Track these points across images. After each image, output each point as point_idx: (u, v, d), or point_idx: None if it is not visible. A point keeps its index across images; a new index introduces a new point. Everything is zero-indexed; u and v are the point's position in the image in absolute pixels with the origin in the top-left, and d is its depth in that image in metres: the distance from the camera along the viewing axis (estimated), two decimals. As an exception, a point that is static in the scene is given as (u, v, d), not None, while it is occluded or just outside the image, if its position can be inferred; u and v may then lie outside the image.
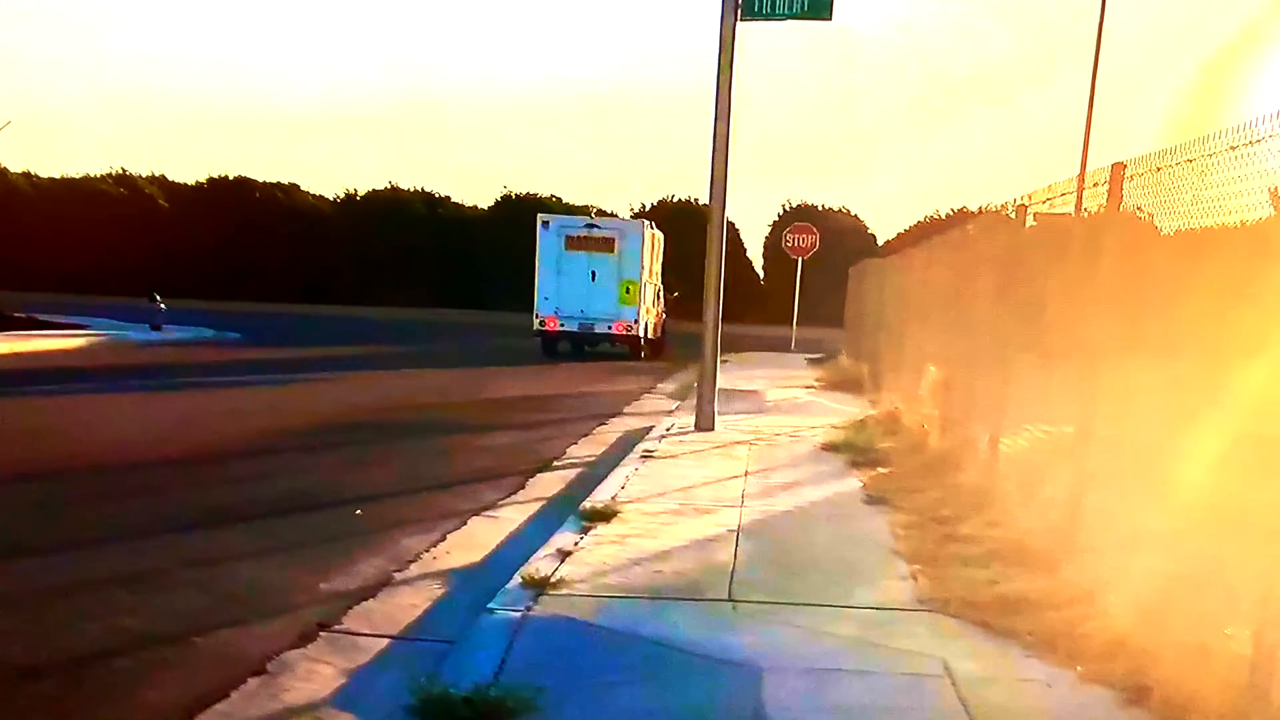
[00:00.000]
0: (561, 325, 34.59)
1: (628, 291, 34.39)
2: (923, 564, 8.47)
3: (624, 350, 35.27)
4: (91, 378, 22.57)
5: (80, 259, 64.84)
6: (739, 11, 15.52)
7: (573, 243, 34.46)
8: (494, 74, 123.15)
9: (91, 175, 74.72)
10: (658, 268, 37.77)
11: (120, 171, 75.11)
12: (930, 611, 7.36)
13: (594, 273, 34.30)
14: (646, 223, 36.37)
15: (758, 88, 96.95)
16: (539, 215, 36.21)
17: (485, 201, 77.51)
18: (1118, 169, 7.71)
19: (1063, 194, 9.42)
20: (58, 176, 74.45)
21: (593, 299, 34.23)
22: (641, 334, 34.96)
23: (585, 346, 35.69)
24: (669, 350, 36.44)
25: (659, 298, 37.85)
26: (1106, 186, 7.84)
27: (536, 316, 34.65)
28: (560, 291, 34.29)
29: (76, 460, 13.13)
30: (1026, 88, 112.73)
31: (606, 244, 34.52)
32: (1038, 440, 8.99)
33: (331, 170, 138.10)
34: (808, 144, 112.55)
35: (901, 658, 6.47)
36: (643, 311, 34.80)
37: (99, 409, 18.13)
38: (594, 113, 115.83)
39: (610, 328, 34.52)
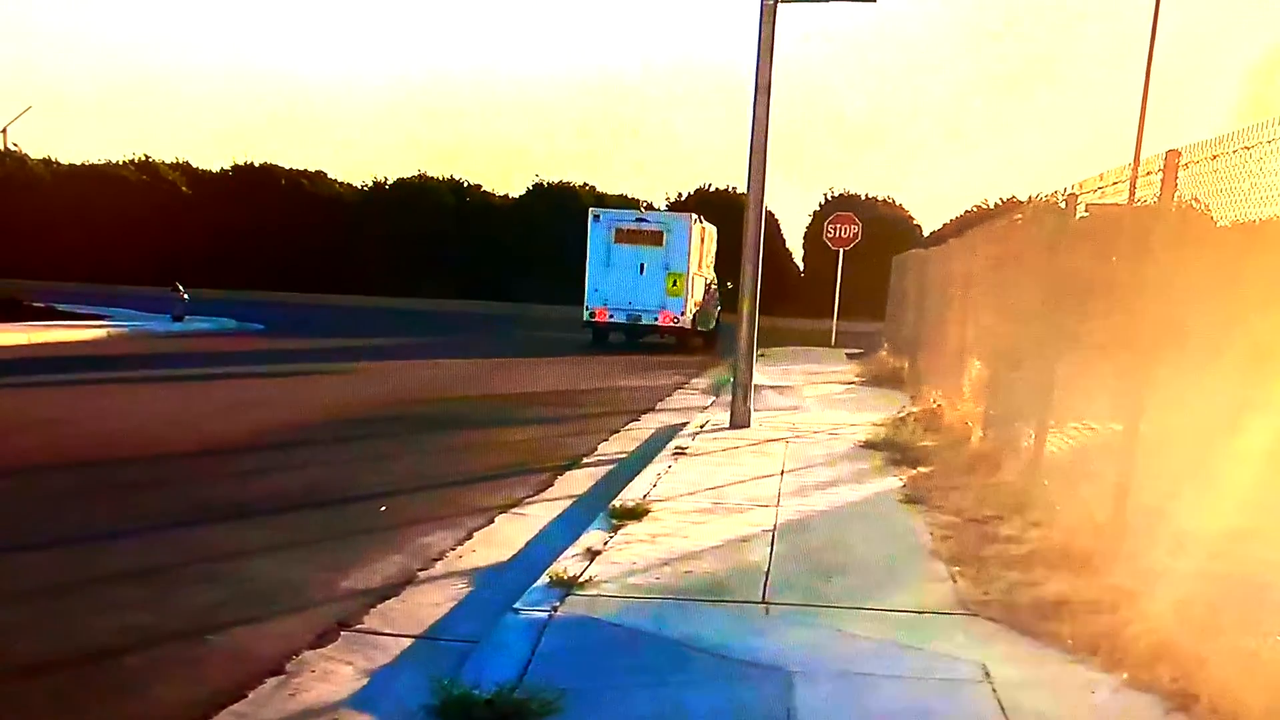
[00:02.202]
0: (610, 317, 36.03)
1: (674, 284, 35.63)
2: (962, 565, 8.45)
3: (672, 341, 36.51)
4: (108, 368, 22.69)
5: (100, 248, 64.87)
6: (780, -8, 15.48)
7: (622, 235, 35.95)
8: (526, 60, 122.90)
9: (113, 162, 74.85)
10: (709, 260, 39.06)
11: (142, 158, 75.01)
12: (969, 615, 7.34)
13: (642, 265, 35.65)
14: (695, 216, 37.25)
15: (799, 72, 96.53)
16: (590, 210, 37.81)
17: (516, 190, 77.39)
18: (1172, 156, 7.66)
19: (1114, 183, 9.37)
20: (78, 164, 74.59)
21: (640, 291, 35.63)
22: (689, 325, 36.17)
23: (647, 337, 36.93)
24: (721, 343, 36.72)
25: (710, 290, 38.73)
26: (1160, 175, 7.80)
27: (586, 308, 36.17)
28: (609, 283, 35.78)
29: (88, 452, 13.27)
30: (1080, 74, 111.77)
31: (655, 237, 35.89)
32: (1084, 437, 8.94)
33: (359, 157, 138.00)
34: (851, 131, 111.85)
35: (939, 662, 6.45)
36: (690, 304, 35.95)
37: (114, 400, 18.29)
38: (629, 100, 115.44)
39: (657, 319, 35.84)
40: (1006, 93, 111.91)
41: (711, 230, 38.89)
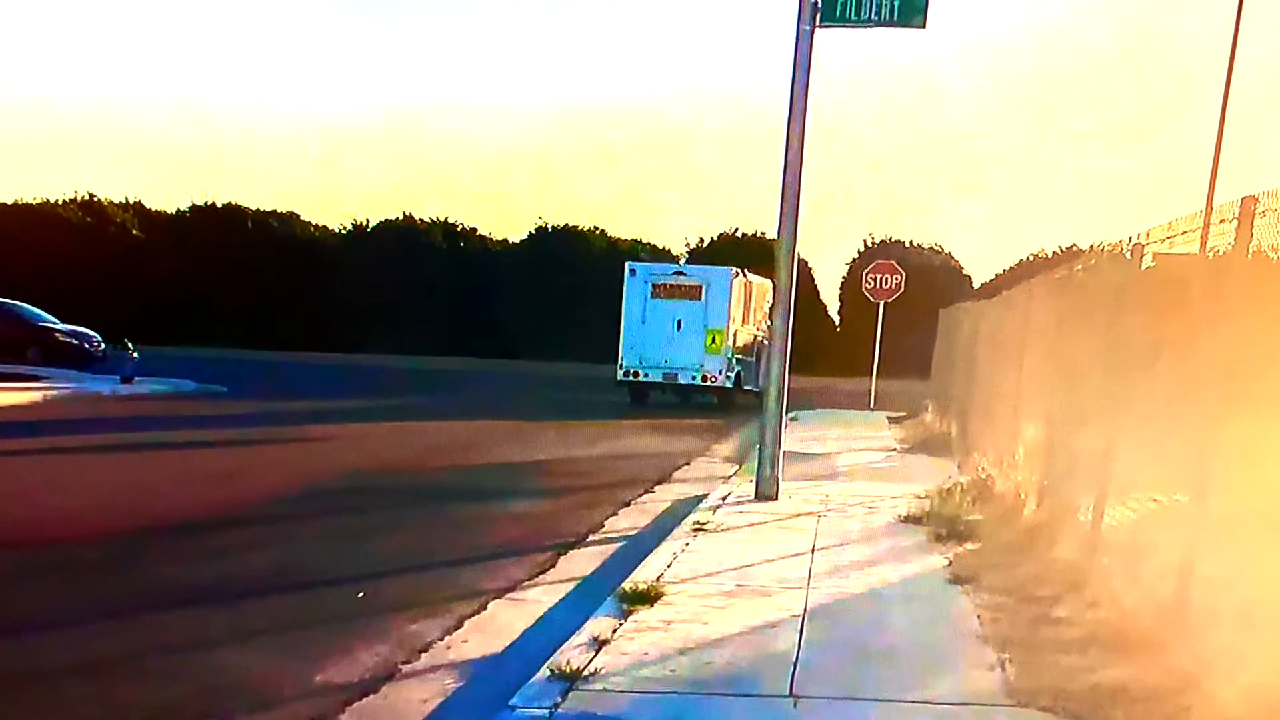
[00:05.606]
0: (645, 375, 37.18)
1: (713, 341, 36.70)
2: (1013, 651, 8.53)
3: (713, 401, 37.56)
4: (46, 434, 22.77)
5: (37, 298, 63.94)
6: (817, 16, 15.66)
7: (659, 290, 37.36)
8: (528, 96, 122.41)
9: (51, 201, 74.17)
10: (759, 316, 39.22)
11: (86, 196, 74.14)
12: (1019, 705, 7.42)
13: (679, 321, 36.89)
14: (736, 270, 38.22)
15: (836, 107, 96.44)
16: (626, 264, 39.18)
17: (517, 234, 77.44)
18: (1248, 203, 7.84)
19: (1184, 232, 9.53)
20: (9, 202, 73.84)
21: (677, 348, 36.82)
22: (730, 385, 37.07)
23: (691, 398, 38.15)
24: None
25: (761, 346, 38.32)
26: (1235, 223, 7.96)
27: (620, 366, 37.38)
28: (645, 341, 36.97)
29: (26, 531, 13.17)
30: (1150, 114, 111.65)
31: (693, 291, 37.19)
32: (1147, 508, 9.04)
33: (338, 197, 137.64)
34: (894, 173, 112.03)
35: (985, 760, 6.54)
36: (731, 362, 36.99)
37: (52, 473, 18.33)
38: (643, 136, 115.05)
39: (694, 378, 36.95)
40: (1068, 133, 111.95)
41: (763, 284, 38.81)
